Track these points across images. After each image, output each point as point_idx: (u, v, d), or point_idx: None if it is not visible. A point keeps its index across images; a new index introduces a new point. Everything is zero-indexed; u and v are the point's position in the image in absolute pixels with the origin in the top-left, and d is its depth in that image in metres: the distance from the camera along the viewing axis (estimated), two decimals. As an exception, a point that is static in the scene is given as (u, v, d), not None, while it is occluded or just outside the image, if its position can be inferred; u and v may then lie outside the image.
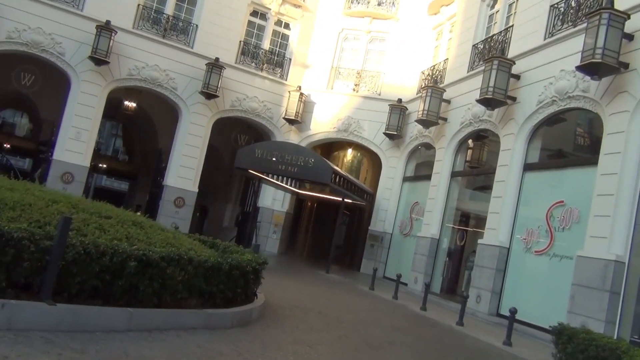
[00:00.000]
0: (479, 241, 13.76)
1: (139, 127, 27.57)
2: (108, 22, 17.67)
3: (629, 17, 10.10)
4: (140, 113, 24.02)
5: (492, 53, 14.64)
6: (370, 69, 21.06)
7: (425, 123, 16.81)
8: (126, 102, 22.59)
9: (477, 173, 16.28)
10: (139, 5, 18.91)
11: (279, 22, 21.43)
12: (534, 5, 13.60)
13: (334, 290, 13.12)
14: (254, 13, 21.01)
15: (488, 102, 13.51)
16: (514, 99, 13.47)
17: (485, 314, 12.59)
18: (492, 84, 13.25)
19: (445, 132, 16.73)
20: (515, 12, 14.81)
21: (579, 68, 10.51)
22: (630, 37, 10.10)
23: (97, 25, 17.52)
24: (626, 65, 10.11)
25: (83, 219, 5.80)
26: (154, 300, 5.13)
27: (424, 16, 19.88)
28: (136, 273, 4.92)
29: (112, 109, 23.72)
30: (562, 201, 11.48)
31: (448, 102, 16.77)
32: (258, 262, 6.72)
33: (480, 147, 16.56)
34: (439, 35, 19.39)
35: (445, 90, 16.74)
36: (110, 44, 17.71)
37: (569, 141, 13.18)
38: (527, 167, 13.00)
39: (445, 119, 16.77)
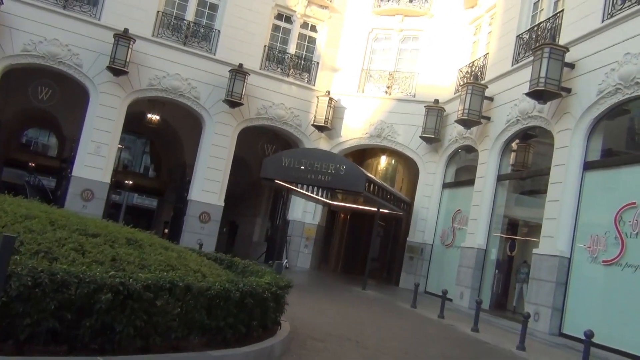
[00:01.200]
0: (534, 251, 12.21)
1: (164, 141, 26.78)
2: (126, 31, 16.85)
3: None
4: (164, 126, 23.18)
5: (541, 42, 13.14)
6: (403, 69, 19.72)
7: (466, 123, 15.36)
8: (149, 115, 21.74)
9: (527, 175, 14.70)
10: (158, 12, 18.06)
11: (305, 25, 20.33)
12: (587, -15, 12.11)
13: (373, 310, 11.76)
14: (279, 16, 19.97)
15: (539, 95, 12.04)
16: (568, 90, 11.97)
17: (545, 333, 11.03)
18: (543, 74, 11.79)
19: (489, 132, 15.26)
20: (564, -4, 13.33)
21: (652, 46, 9.01)
22: None
23: (114, 34, 16.70)
24: None
25: (58, 238, 4.66)
26: (138, 343, 3.91)
27: (460, 10, 18.50)
28: (111, 308, 3.71)
29: (136, 123, 22.99)
30: (634, 202, 9.91)
31: (491, 99, 15.31)
32: (279, 286, 5.46)
33: (528, 148, 15.04)
34: (477, 29, 17.95)
35: (487, 87, 15.29)
36: (129, 53, 16.86)
37: (637, 134, 11.59)
38: (588, 166, 11.45)
39: (488, 118, 15.31)
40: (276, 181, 15.63)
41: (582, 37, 11.84)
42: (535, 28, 14.15)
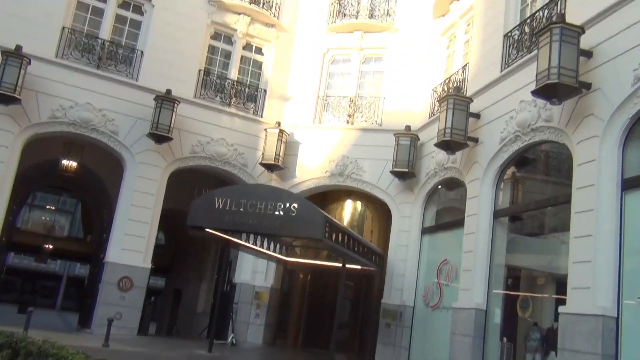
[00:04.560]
0: (561, 309, 8.65)
1: (91, 195, 22.85)
2: (19, 48, 13.33)
3: None
4: (87, 176, 19.32)
5: (545, 25, 10.09)
6: (366, 94, 16.56)
7: (450, 146, 12.01)
8: (64, 162, 17.86)
9: (538, 206, 11.25)
10: (64, 28, 14.66)
11: (248, 46, 17.17)
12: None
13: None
14: (216, 36, 16.75)
15: (552, 92, 8.84)
16: (588, 86, 8.85)
17: None
18: (555, 63, 8.67)
19: (478, 157, 11.98)
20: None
21: None
22: None
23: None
24: None
25: None
26: None
27: (429, 21, 15.62)
28: None
29: (52, 174, 19.17)
30: None
31: (477, 116, 12.14)
32: None
33: (533, 172, 11.79)
34: (451, 40, 15.03)
35: (472, 100, 12.14)
36: (21, 76, 13.25)
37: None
38: (629, 184, 8.16)
39: (475, 140, 12.08)
40: (207, 230, 11.87)
41: (601, 14, 8.85)
42: (529, 20, 11.18)
